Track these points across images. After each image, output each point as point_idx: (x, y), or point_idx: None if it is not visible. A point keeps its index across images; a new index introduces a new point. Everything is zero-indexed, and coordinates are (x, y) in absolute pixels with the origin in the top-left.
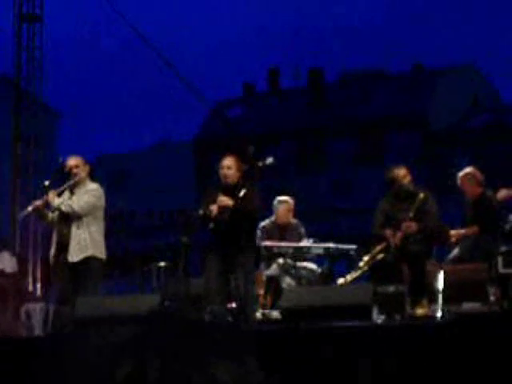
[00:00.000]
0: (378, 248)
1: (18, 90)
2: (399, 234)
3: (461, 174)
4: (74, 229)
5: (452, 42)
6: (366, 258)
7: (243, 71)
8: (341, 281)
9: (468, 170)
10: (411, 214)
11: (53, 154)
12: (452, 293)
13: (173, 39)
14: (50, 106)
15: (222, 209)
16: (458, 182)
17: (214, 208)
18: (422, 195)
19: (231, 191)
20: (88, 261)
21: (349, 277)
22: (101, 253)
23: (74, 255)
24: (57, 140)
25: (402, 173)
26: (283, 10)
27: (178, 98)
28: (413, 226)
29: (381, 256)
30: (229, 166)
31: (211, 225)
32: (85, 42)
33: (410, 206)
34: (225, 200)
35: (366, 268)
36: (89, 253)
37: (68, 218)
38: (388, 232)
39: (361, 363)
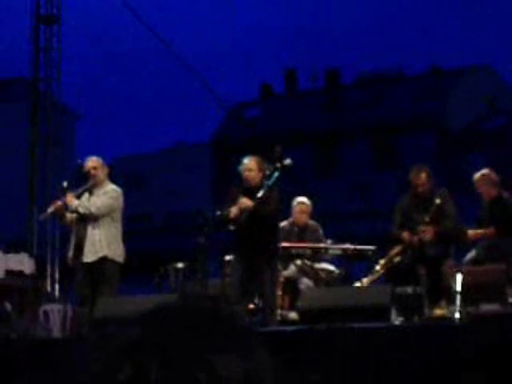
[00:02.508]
0: (395, 251)
1: (35, 91)
2: (416, 239)
3: (477, 175)
4: (89, 229)
5: (469, 43)
6: (382, 262)
7: (261, 73)
8: (358, 285)
9: (484, 171)
10: (427, 219)
11: (71, 155)
12: (470, 294)
13: (190, 41)
14: (69, 107)
15: (242, 210)
16: (475, 183)
17: (233, 210)
18: (438, 201)
19: (253, 192)
20: (103, 262)
21: (366, 280)
22: (117, 254)
23: (89, 256)
24: (75, 141)
25: (420, 174)
26: (301, 10)
27: (196, 100)
28: (429, 232)
29: (397, 259)
30: (250, 167)
31: (231, 227)
32: (103, 44)
33: (427, 210)
34: (245, 202)
35: (382, 271)
36: (103, 253)
37: (86, 220)
38: (405, 234)
39: (379, 364)
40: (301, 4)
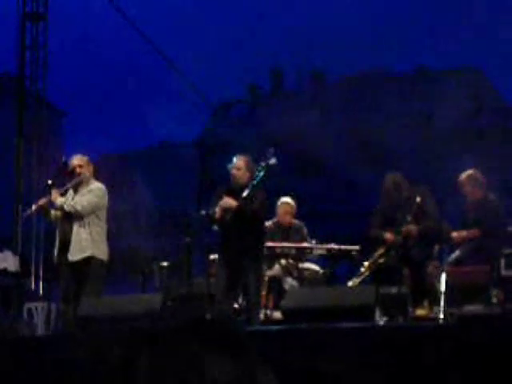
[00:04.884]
0: (379, 252)
1: (21, 88)
2: (399, 239)
3: (462, 175)
4: (75, 228)
5: (455, 43)
6: (366, 263)
7: (246, 72)
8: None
9: (469, 171)
10: (409, 218)
11: (57, 152)
12: (454, 295)
13: (176, 39)
14: (55, 104)
15: (226, 210)
16: (460, 183)
17: (218, 210)
18: (418, 200)
19: (239, 192)
20: (88, 260)
21: (351, 282)
22: (102, 253)
23: (74, 254)
24: (61, 139)
25: (389, 181)
26: (288, 10)
27: (182, 99)
28: (413, 231)
29: (382, 260)
30: (238, 166)
31: (215, 227)
32: (90, 42)
33: (408, 209)
34: (228, 201)
35: (367, 273)
36: (89, 253)
37: (71, 217)
38: (387, 235)
39: (363, 364)
40: (287, 4)
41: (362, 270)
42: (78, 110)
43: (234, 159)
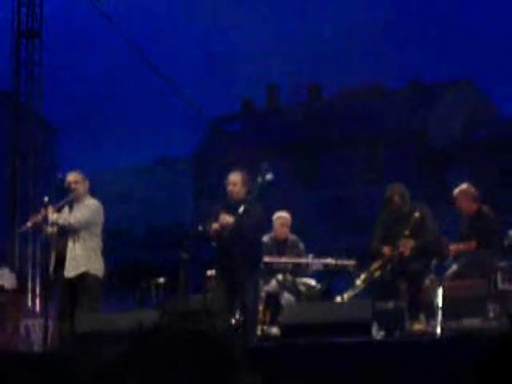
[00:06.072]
0: (375, 266)
1: (16, 105)
2: (396, 253)
3: (456, 190)
4: (70, 244)
5: (449, 57)
6: (363, 276)
7: (242, 87)
8: (338, 299)
9: (463, 186)
10: (407, 232)
11: (53, 169)
12: (451, 309)
13: (172, 55)
14: (50, 121)
15: (224, 227)
16: (455, 198)
17: (214, 226)
18: (416, 215)
19: (236, 207)
20: (84, 277)
21: (346, 295)
22: (97, 269)
23: (70, 271)
24: (57, 155)
25: (394, 193)
26: (283, 25)
27: (179, 114)
28: (409, 245)
29: (378, 274)
30: (235, 182)
31: (213, 243)
32: (85, 58)
33: (406, 224)
34: (226, 218)
35: (363, 286)
36: (84, 269)
37: (66, 234)
38: (385, 249)
39: (361, 379)
40: (283, 19)
41: (358, 283)
42: (75, 126)
43: (230, 175)
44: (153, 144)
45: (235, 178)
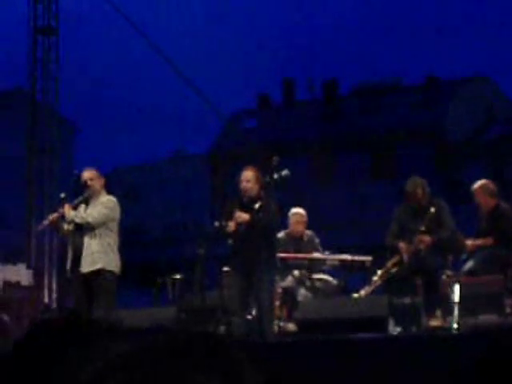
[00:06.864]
0: (392, 262)
1: (33, 102)
2: (412, 249)
3: (475, 185)
4: (86, 240)
5: (467, 53)
6: (379, 272)
7: (258, 83)
8: (355, 296)
9: (482, 181)
10: (423, 228)
11: (69, 166)
12: (468, 305)
13: (188, 51)
14: (66, 118)
15: (240, 224)
16: (473, 193)
17: (231, 224)
18: (432, 209)
19: (250, 204)
20: (100, 273)
21: (363, 291)
22: (113, 265)
23: (86, 267)
24: (73, 152)
25: (416, 190)
26: (299, 20)
27: (194, 110)
28: (425, 241)
29: (394, 270)
30: (248, 179)
31: (230, 241)
32: (101, 56)
33: (422, 219)
34: (242, 216)
35: (379, 282)
36: (100, 265)
37: (82, 230)
38: (402, 245)
39: (377, 375)
40: (298, 15)
41: (375, 279)
42: (91, 123)
43: (243, 172)
44: (169, 141)
45: (248, 175)
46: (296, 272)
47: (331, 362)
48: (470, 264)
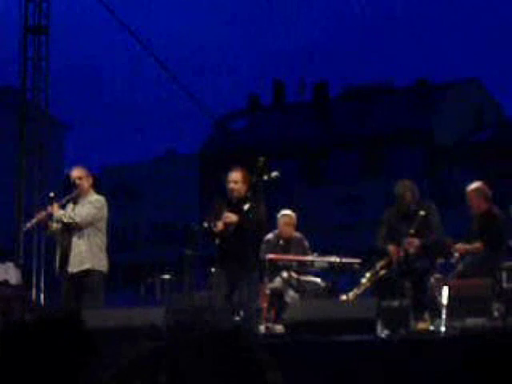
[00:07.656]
0: (381, 264)
1: (23, 101)
2: (401, 251)
3: (469, 188)
4: (74, 240)
5: (456, 56)
6: (368, 275)
7: (248, 84)
8: (343, 298)
9: (477, 184)
10: (412, 231)
11: (59, 165)
12: (456, 308)
13: (178, 51)
14: (56, 117)
15: (228, 225)
16: (467, 195)
17: (219, 224)
18: (422, 213)
19: (237, 205)
20: (88, 273)
21: (351, 294)
22: (101, 265)
23: (74, 266)
24: (63, 151)
25: (405, 189)
26: (290, 23)
27: (184, 111)
28: (414, 243)
29: (383, 272)
30: (235, 179)
31: (217, 241)
32: (92, 55)
33: (411, 222)
34: (230, 216)
35: (368, 284)
36: (88, 265)
37: (70, 230)
38: (391, 248)
39: (365, 377)
40: (290, 17)
41: (363, 281)
42: (81, 122)
43: (230, 173)
44: (159, 141)
45: (236, 176)
46: (284, 273)
47: (319, 364)
48: (459, 267)
